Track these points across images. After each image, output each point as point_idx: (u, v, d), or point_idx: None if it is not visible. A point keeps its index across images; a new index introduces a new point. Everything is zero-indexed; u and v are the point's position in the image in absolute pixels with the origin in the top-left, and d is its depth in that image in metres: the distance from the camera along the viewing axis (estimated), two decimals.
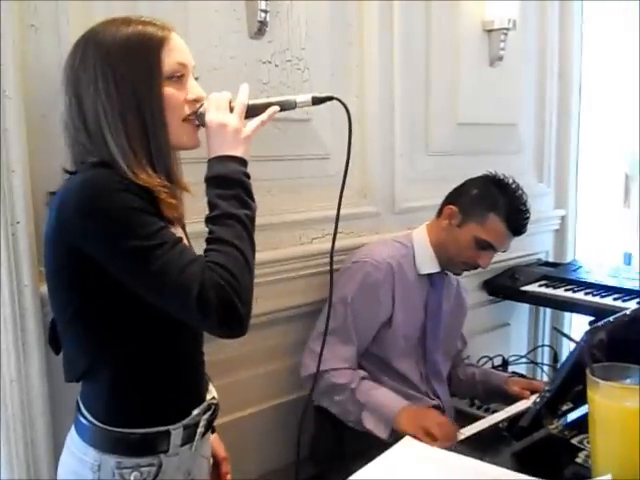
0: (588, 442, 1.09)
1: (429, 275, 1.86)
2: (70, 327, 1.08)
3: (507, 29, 2.44)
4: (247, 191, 1.07)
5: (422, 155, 2.34)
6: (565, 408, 1.19)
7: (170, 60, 1.07)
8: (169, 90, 1.07)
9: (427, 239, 1.86)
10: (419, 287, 1.85)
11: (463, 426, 1.53)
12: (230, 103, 1.11)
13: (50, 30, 1.40)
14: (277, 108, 1.13)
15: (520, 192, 1.79)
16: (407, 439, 1.14)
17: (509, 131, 2.71)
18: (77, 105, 1.06)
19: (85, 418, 1.10)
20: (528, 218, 1.80)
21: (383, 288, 1.77)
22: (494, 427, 1.35)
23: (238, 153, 1.08)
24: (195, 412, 1.14)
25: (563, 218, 3.03)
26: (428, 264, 1.85)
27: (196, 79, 1.13)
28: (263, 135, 1.50)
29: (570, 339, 1.11)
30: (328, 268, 1.93)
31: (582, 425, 1.11)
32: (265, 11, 1.70)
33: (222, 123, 1.08)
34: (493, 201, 1.76)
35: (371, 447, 1.18)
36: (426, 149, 2.36)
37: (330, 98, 1.15)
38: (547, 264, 2.86)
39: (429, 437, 1.51)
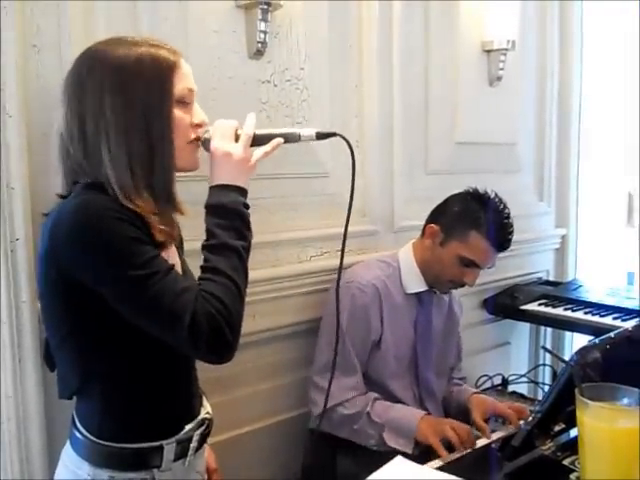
0: (579, 464, 1.09)
1: (417, 294, 1.85)
2: (63, 346, 1.09)
3: (506, 49, 2.46)
4: (245, 222, 1.09)
5: (421, 174, 2.35)
6: (557, 429, 1.19)
7: (181, 85, 1.09)
8: (178, 113, 1.08)
9: (413, 258, 1.85)
10: (407, 306, 1.84)
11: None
12: (236, 131, 1.13)
13: (52, 50, 1.42)
14: (281, 140, 1.15)
15: (502, 206, 1.76)
16: (399, 458, 1.13)
17: (508, 150, 2.72)
18: (78, 120, 1.06)
19: (80, 433, 1.11)
20: (511, 233, 1.77)
21: (372, 310, 1.76)
22: (486, 447, 1.34)
23: (240, 183, 1.10)
24: (188, 427, 1.14)
25: (564, 237, 3.02)
26: (415, 283, 1.84)
27: None
28: None
29: (560, 359, 1.11)
30: (326, 286, 1.99)
31: (575, 446, 1.10)
32: (264, 32, 1.73)
33: (227, 152, 1.10)
34: (474, 218, 1.74)
35: (364, 468, 1.18)
36: (425, 168, 2.37)
37: (333, 134, 1.18)
38: (547, 283, 2.86)
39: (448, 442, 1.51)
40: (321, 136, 1.18)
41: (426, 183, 2.36)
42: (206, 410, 1.23)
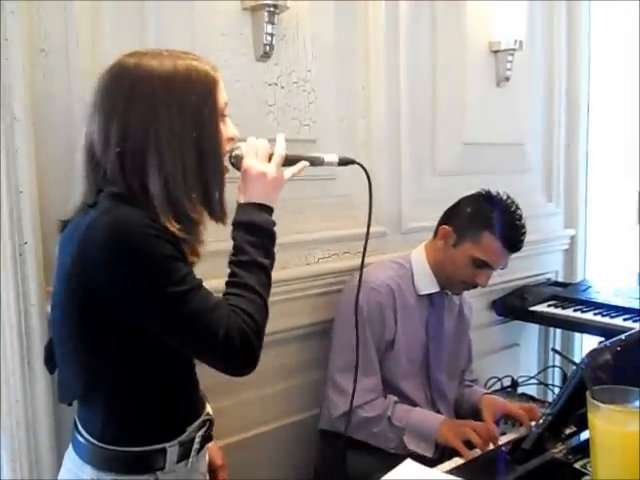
0: (591, 467, 1.07)
1: (429, 295, 1.85)
2: (70, 356, 1.09)
3: (514, 50, 2.45)
4: (273, 242, 1.14)
5: (429, 175, 2.34)
6: (569, 431, 1.18)
7: (221, 99, 1.11)
8: (221, 125, 1.11)
9: (425, 259, 1.85)
10: (419, 307, 1.84)
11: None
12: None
13: (59, 54, 1.43)
14: (307, 163, 1.21)
15: (514, 208, 1.77)
16: (408, 461, 1.13)
17: (517, 151, 2.71)
18: (119, 132, 1.04)
19: (82, 437, 1.11)
20: (524, 234, 1.77)
21: (386, 309, 1.77)
22: (496, 450, 1.34)
23: (271, 202, 1.14)
24: (190, 429, 1.15)
25: (573, 238, 3.00)
26: (427, 284, 1.84)
27: None
28: None
29: (570, 361, 1.10)
30: (334, 288, 1.98)
31: (586, 449, 1.09)
32: (271, 34, 1.73)
33: (262, 172, 1.13)
34: (486, 219, 1.74)
35: (375, 469, 1.17)
36: (433, 169, 2.36)
37: (353, 162, 1.24)
38: (556, 284, 2.84)
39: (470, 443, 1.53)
40: (342, 162, 1.24)
41: (434, 184, 2.36)
42: (206, 411, 1.23)
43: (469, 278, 1.79)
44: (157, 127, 1.04)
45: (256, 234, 1.10)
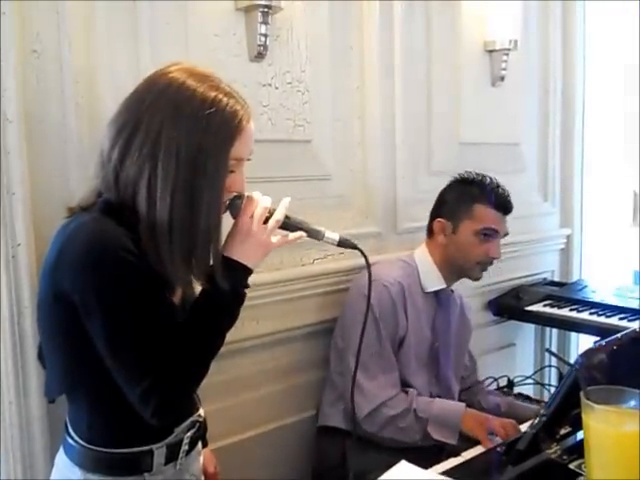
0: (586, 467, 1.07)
1: (435, 293, 1.88)
2: (54, 353, 1.09)
3: (508, 49, 2.45)
4: (238, 303, 1.09)
5: (424, 175, 2.34)
6: (563, 432, 1.17)
7: (236, 154, 1.05)
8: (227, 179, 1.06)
9: (429, 258, 1.89)
10: (426, 305, 1.87)
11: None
12: (268, 211, 1.11)
13: (52, 55, 1.42)
14: (304, 234, 1.15)
15: (488, 178, 1.86)
16: (402, 463, 1.13)
17: (512, 150, 2.71)
18: (122, 151, 1.03)
19: (72, 438, 1.11)
20: (509, 195, 1.86)
21: (398, 306, 1.79)
22: (491, 451, 1.34)
23: (249, 264, 1.09)
24: (177, 430, 1.14)
25: (569, 237, 3.01)
26: (433, 281, 1.87)
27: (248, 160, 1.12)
28: (263, 156, 1.52)
29: (564, 361, 1.10)
30: (330, 289, 1.98)
31: (582, 449, 1.09)
32: (265, 35, 1.72)
33: (251, 232, 1.08)
34: (471, 194, 1.84)
35: (375, 467, 1.18)
36: (428, 169, 2.36)
37: (354, 247, 1.19)
38: (552, 283, 2.84)
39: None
40: (342, 244, 1.19)
41: (429, 184, 2.34)
42: (198, 413, 1.22)
43: (481, 255, 1.84)
44: (152, 165, 1.01)
45: (233, 300, 1.07)
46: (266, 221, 1.10)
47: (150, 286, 1.01)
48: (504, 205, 1.84)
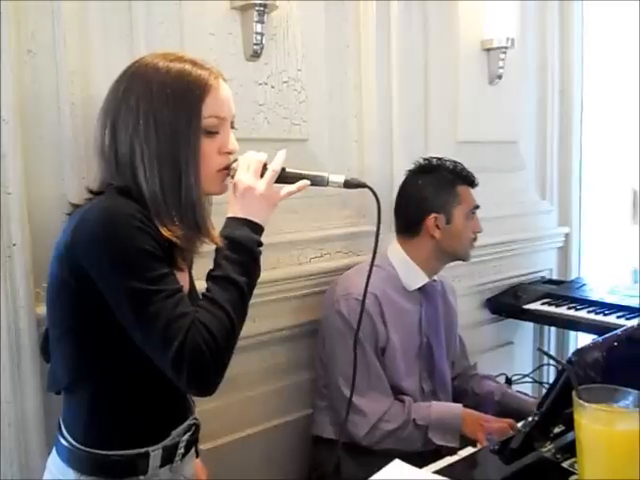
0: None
1: (419, 288, 1.85)
2: (61, 340, 1.09)
3: (506, 47, 2.45)
4: (254, 260, 1.08)
5: None
6: (557, 430, 1.17)
7: (211, 112, 1.07)
8: (205, 142, 1.08)
9: (407, 257, 1.84)
10: (411, 304, 1.84)
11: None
12: (265, 165, 1.12)
13: (47, 55, 1.42)
14: (308, 182, 1.14)
15: (443, 160, 1.88)
16: (397, 462, 1.13)
17: (510, 149, 2.71)
18: (111, 135, 1.08)
19: (65, 439, 1.11)
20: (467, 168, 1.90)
21: (374, 317, 1.75)
22: (484, 450, 1.33)
23: (257, 219, 1.09)
24: (174, 433, 1.14)
25: (567, 235, 3.00)
26: (416, 279, 1.84)
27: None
28: None
29: (555, 360, 1.10)
30: (326, 288, 1.98)
31: (575, 448, 1.09)
32: (261, 34, 1.72)
33: (249, 186, 1.09)
34: (448, 180, 1.84)
35: (369, 473, 1.17)
36: None
37: (363, 186, 1.17)
38: (550, 282, 2.84)
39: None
40: (349, 185, 1.16)
41: None
42: (193, 416, 1.22)
43: (471, 234, 1.87)
44: (140, 137, 1.05)
45: (233, 249, 1.05)
46: (262, 174, 1.11)
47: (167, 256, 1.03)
48: (473, 178, 1.88)
